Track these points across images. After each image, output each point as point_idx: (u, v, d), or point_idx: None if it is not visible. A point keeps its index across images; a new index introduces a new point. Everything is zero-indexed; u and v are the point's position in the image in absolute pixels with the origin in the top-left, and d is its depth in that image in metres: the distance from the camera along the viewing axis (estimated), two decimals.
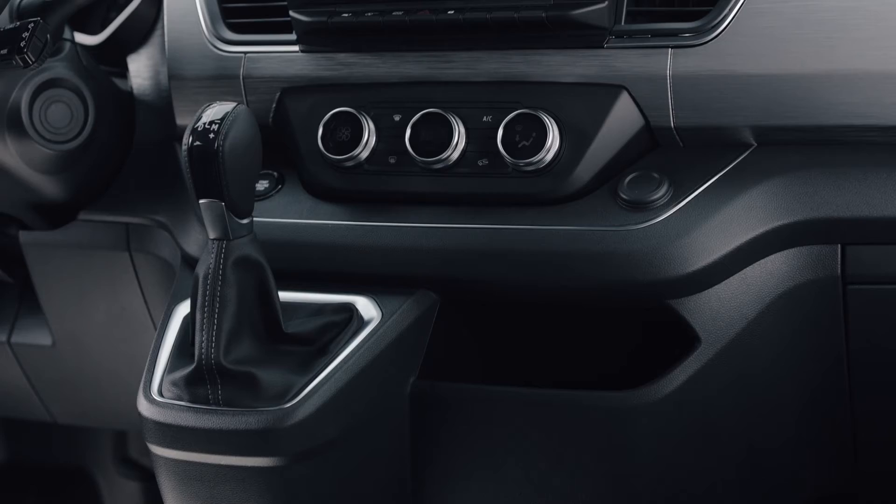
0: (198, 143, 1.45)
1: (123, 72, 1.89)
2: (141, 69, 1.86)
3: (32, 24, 1.59)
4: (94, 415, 2.19)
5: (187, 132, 1.45)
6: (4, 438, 2.54)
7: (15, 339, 2.08)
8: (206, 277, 1.48)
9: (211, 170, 1.45)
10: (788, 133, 1.53)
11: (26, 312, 2.09)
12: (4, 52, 1.60)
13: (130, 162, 1.87)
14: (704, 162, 1.56)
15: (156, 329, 1.92)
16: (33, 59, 1.59)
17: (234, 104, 1.47)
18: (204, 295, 1.48)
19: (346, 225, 1.62)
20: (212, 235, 1.48)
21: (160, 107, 1.83)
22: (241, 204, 1.48)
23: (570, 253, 1.53)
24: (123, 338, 2.00)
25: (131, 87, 1.87)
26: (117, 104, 1.84)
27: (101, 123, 1.81)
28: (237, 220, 1.48)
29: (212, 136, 1.45)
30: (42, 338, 2.07)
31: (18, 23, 1.60)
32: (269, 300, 1.51)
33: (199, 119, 1.46)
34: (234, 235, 1.48)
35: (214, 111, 1.47)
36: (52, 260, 1.96)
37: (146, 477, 2.48)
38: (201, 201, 1.47)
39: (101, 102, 1.81)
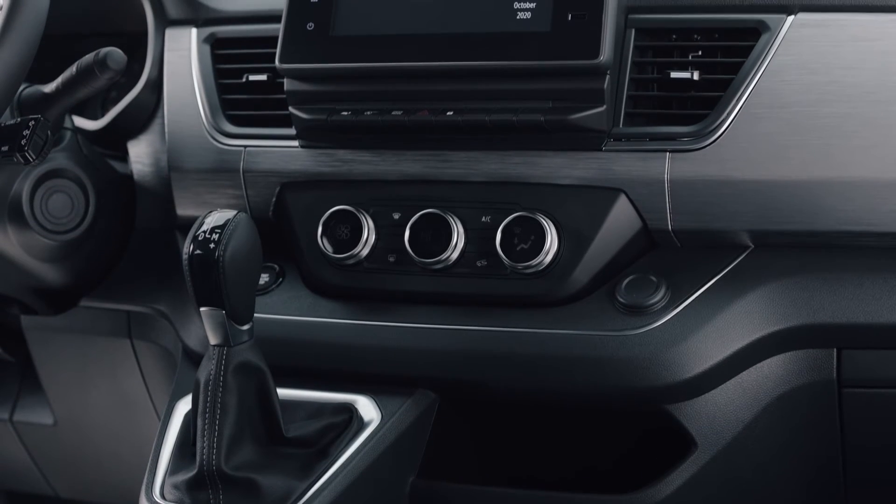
0: (198, 251, 1.46)
1: (124, 155, 1.90)
2: (142, 155, 1.88)
3: (33, 122, 1.59)
4: (96, 491, 2.20)
5: (188, 240, 1.46)
6: None
7: (17, 417, 2.10)
8: (206, 384, 1.49)
9: (211, 279, 1.46)
10: (785, 237, 1.55)
11: (28, 391, 2.10)
12: (5, 149, 1.60)
13: (131, 248, 1.88)
14: (702, 264, 1.57)
15: (157, 414, 1.94)
16: (34, 157, 1.59)
17: (234, 212, 1.48)
18: (205, 401, 1.49)
19: (345, 324, 1.63)
20: (212, 342, 1.49)
21: (161, 193, 1.84)
22: (242, 311, 1.49)
23: (568, 357, 1.54)
24: (125, 421, 2.01)
25: (131, 172, 1.88)
26: (118, 191, 1.86)
27: (101, 212, 1.82)
28: (237, 326, 1.49)
29: (212, 245, 1.45)
30: (44, 417, 2.08)
31: (19, 119, 1.61)
32: (269, 405, 1.52)
33: (199, 227, 1.47)
34: (234, 342, 1.49)
35: (215, 219, 1.48)
36: (54, 344, 1.98)
37: None
38: (202, 309, 1.48)
39: (102, 191, 1.82)
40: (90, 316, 1.90)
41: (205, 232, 1.47)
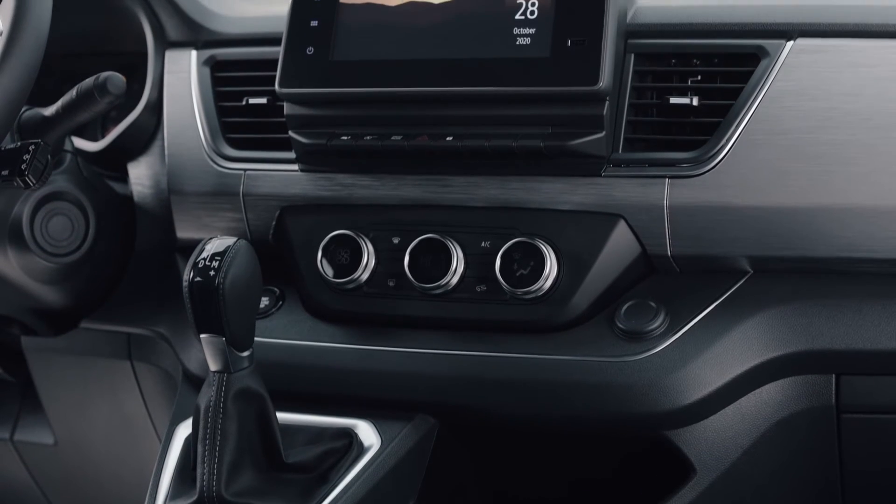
0: (198, 279, 1.46)
1: (124, 176, 1.90)
2: (142, 177, 1.88)
3: (33, 147, 1.60)
4: None
5: (188, 267, 1.46)
6: None
7: (18, 436, 2.10)
8: (206, 410, 1.49)
9: (211, 306, 1.46)
10: (784, 263, 1.55)
11: (28, 411, 2.11)
12: (6, 173, 1.61)
13: (131, 270, 1.88)
14: (701, 289, 1.58)
15: (157, 436, 1.94)
16: (34, 182, 1.60)
17: (234, 239, 1.48)
18: (205, 428, 1.49)
19: (345, 348, 1.63)
20: (213, 368, 1.50)
21: (161, 215, 1.84)
22: (242, 338, 1.49)
23: (568, 384, 1.54)
24: (125, 443, 2.02)
25: (131, 193, 1.89)
26: (118, 213, 1.86)
27: (101, 234, 1.82)
28: (238, 353, 1.49)
29: (212, 272, 1.45)
30: (44, 437, 2.08)
31: (20, 143, 1.61)
32: (269, 431, 1.52)
33: (199, 254, 1.47)
34: (234, 368, 1.49)
35: (215, 246, 1.48)
36: (54, 365, 1.98)
37: None
38: (202, 336, 1.48)
39: (102, 213, 1.83)
40: (90, 337, 1.90)
41: (205, 259, 1.47)
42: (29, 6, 1.51)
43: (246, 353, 1.50)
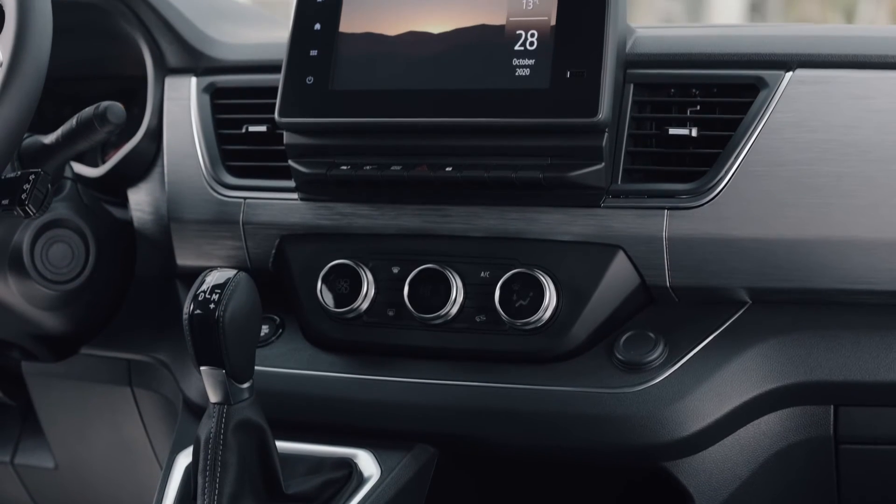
0: (198, 311, 1.47)
1: (124, 202, 1.90)
2: (142, 203, 1.88)
3: (33, 176, 1.60)
4: None
5: (188, 299, 1.47)
6: None
7: (18, 460, 2.10)
8: (207, 442, 1.50)
9: (211, 339, 1.46)
10: (783, 294, 1.55)
11: (29, 434, 2.11)
12: (6, 202, 1.61)
13: (132, 296, 1.88)
14: (699, 320, 1.58)
15: (158, 462, 1.95)
16: (35, 211, 1.60)
17: (235, 271, 1.48)
18: (206, 459, 1.50)
19: (345, 378, 1.64)
20: (213, 400, 1.50)
21: (161, 241, 1.84)
22: (242, 370, 1.49)
23: (567, 415, 1.54)
24: (125, 468, 2.02)
25: (131, 218, 1.89)
26: (118, 240, 1.86)
27: (102, 261, 1.83)
28: (238, 385, 1.50)
29: (212, 305, 1.46)
30: (45, 460, 2.08)
31: (20, 172, 1.62)
32: (269, 462, 1.53)
33: (199, 286, 1.48)
34: (234, 400, 1.50)
35: (215, 278, 1.48)
36: (55, 390, 1.98)
37: None
38: (202, 368, 1.48)
39: (102, 240, 1.83)
40: (91, 363, 1.90)
41: (205, 292, 1.47)
42: (29, 37, 1.51)
43: (246, 385, 1.51)
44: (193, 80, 1.84)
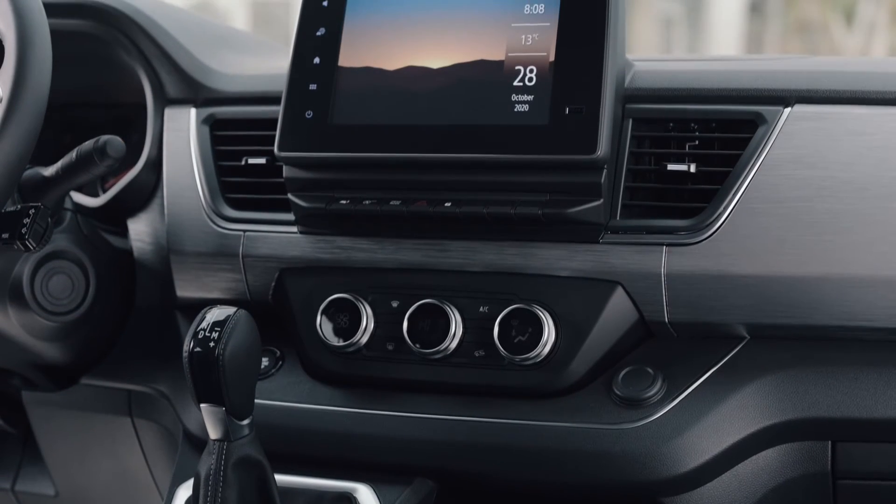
0: (198, 349, 1.47)
1: (123, 231, 1.90)
2: (141, 233, 1.88)
3: (33, 210, 1.60)
4: None
5: (188, 336, 1.47)
6: None
7: (19, 486, 2.11)
8: (207, 478, 1.50)
9: (211, 376, 1.46)
10: (781, 330, 1.56)
11: (30, 461, 2.11)
12: (6, 236, 1.61)
13: (132, 326, 1.88)
14: (698, 355, 1.58)
15: (159, 492, 1.95)
16: (35, 246, 1.60)
17: (234, 309, 1.49)
18: (206, 496, 1.50)
19: (344, 412, 1.64)
20: (213, 437, 1.50)
21: (160, 271, 1.84)
22: (242, 408, 1.49)
23: (565, 450, 1.55)
24: (126, 498, 2.02)
25: (131, 248, 1.89)
26: (118, 270, 1.86)
27: (101, 292, 1.83)
28: (237, 422, 1.50)
29: (212, 343, 1.46)
30: (45, 488, 2.09)
31: (20, 206, 1.62)
32: (269, 498, 1.53)
33: (199, 323, 1.48)
34: (234, 437, 1.50)
35: (215, 315, 1.49)
36: (55, 420, 1.99)
37: None
38: (202, 405, 1.49)
39: (102, 271, 1.83)
40: (91, 393, 1.91)
41: (204, 329, 1.48)
42: (29, 72, 1.52)
43: (246, 422, 1.51)
44: (193, 111, 1.85)
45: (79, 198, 1.90)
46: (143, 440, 1.93)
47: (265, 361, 1.71)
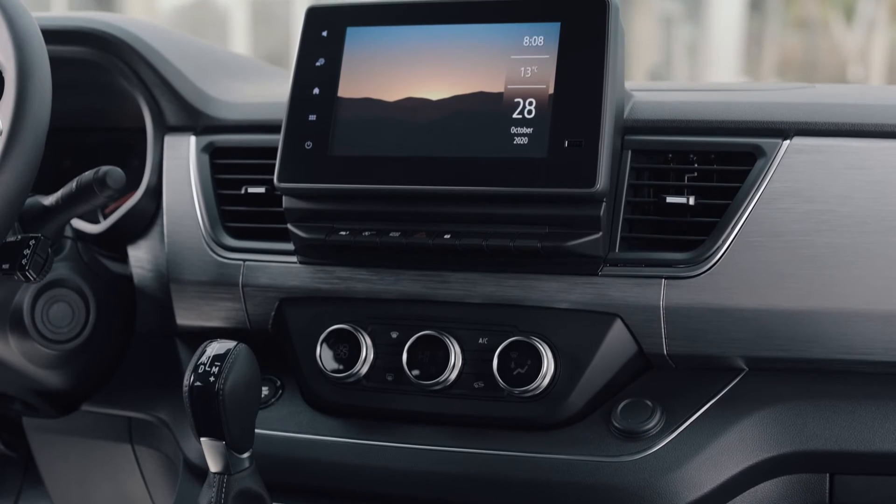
0: (198, 383, 1.47)
1: (123, 257, 1.91)
2: (141, 260, 1.88)
3: (34, 241, 1.61)
4: None
5: (188, 370, 1.47)
6: None
7: None
8: None
9: (211, 410, 1.47)
10: (779, 363, 1.56)
11: (31, 485, 2.12)
12: (6, 267, 1.62)
13: (132, 353, 1.89)
14: (696, 387, 1.59)
15: None
16: (35, 276, 1.61)
17: (234, 343, 1.49)
18: None
19: (343, 442, 1.64)
20: (213, 469, 1.51)
21: (160, 298, 1.85)
22: (242, 441, 1.50)
23: (564, 483, 1.55)
24: None
25: (131, 274, 1.89)
26: (118, 297, 1.87)
27: (102, 319, 1.83)
28: (237, 455, 1.50)
29: (212, 378, 1.47)
30: None
31: (20, 237, 1.62)
32: None
33: (199, 357, 1.48)
34: (234, 470, 1.50)
35: (215, 349, 1.49)
36: (56, 445, 1.99)
37: None
38: (202, 439, 1.49)
39: (102, 298, 1.84)
40: (91, 420, 1.91)
41: (205, 364, 1.48)
42: (28, 105, 1.52)
43: (246, 455, 1.51)
44: (192, 139, 1.85)
45: (79, 224, 1.90)
46: (143, 467, 1.93)
47: (265, 390, 1.72)
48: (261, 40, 12.55)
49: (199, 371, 1.48)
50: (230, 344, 1.50)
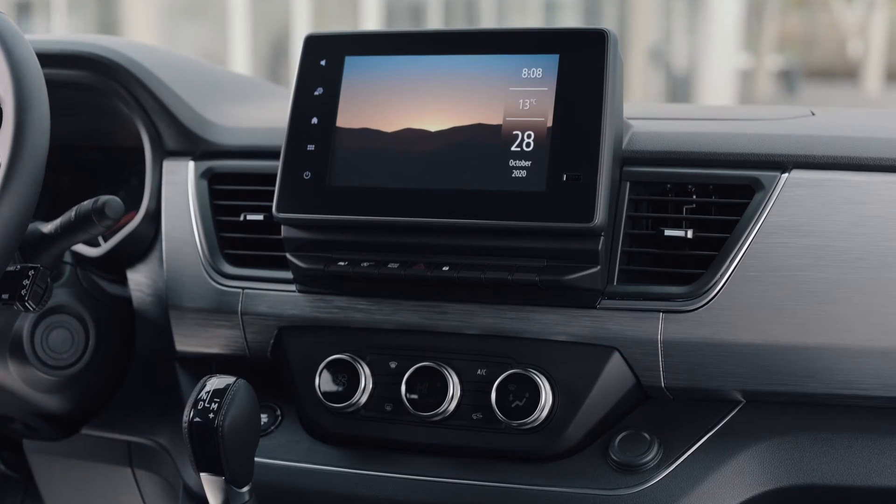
0: (198, 419, 1.48)
1: (123, 279, 1.91)
2: (141, 283, 1.88)
3: (33, 272, 1.61)
4: None
5: (188, 405, 1.48)
6: None
7: None
8: None
9: (210, 446, 1.48)
10: (776, 397, 1.57)
11: None
12: (6, 297, 1.62)
13: (132, 376, 1.89)
14: (694, 419, 1.59)
15: None
16: (34, 307, 1.61)
17: (234, 378, 1.50)
18: None
19: (342, 472, 1.65)
20: (212, 503, 1.52)
21: (160, 321, 1.85)
22: (241, 476, 1.51)
23: None
24: None
25: (130, 297, 1.90)
26: (117, 322, 1.87)
27: (101, 344, 1.84)
28: (237, 490, 1.51)
29: (211, 415, 1.47)
30: None
31: (19, 266, 1.62)
32: None
33: (199, 392, 1.49)
34: None
35: (215, 384, 1.50)
36: (56, 468, 1.99)
37: None
38: (202, 474, 1.50)
39: (102, 324, 1.84)
40: (91, 443, 1.91)
41: (204, 399, 1.49)
42: (27, 137, 1.52)
43: (245, 489, 1.52)
44: (191, 164, 1.85)
45: (78, 247, 1.90)
46: (143, 491, 1.94)
47: (265, 418, 1.72)
48: None
49: (199, 407, 1.49)
50: (230, 379, 1.50)
